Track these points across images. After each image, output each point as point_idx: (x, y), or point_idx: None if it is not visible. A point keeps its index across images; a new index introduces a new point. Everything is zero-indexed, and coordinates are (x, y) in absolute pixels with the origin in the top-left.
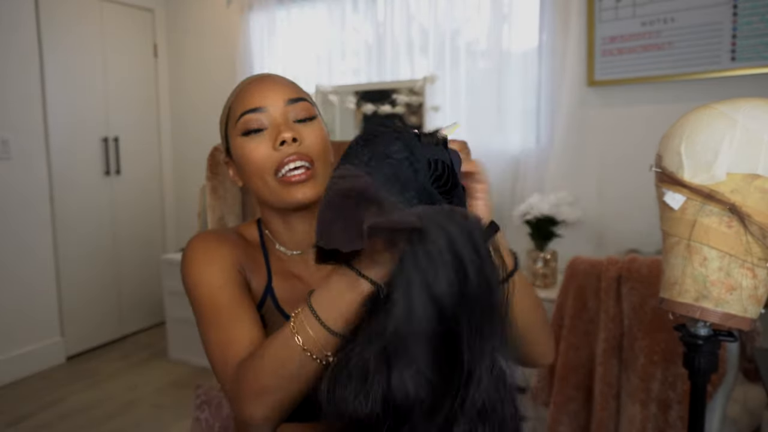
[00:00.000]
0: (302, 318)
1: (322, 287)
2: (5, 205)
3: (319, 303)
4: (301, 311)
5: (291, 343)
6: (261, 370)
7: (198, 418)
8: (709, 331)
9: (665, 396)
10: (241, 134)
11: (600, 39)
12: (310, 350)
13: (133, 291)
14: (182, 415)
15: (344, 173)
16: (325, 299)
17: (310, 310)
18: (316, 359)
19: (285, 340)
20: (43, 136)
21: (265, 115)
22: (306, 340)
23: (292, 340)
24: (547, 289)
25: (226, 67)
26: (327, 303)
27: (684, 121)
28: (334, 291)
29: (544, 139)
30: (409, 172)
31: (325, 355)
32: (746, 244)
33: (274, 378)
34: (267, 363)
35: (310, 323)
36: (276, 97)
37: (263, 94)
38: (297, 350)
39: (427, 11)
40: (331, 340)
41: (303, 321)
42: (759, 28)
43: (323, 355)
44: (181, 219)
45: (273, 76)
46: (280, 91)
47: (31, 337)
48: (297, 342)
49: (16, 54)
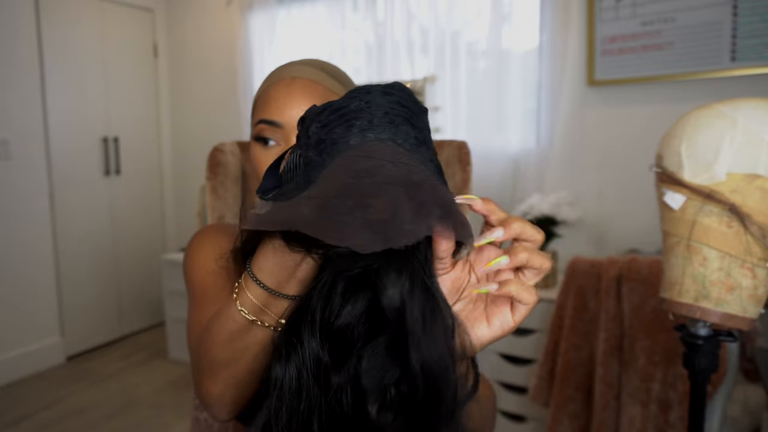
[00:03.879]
0: (243, 284)
1: (260, 256)
2: (5, 205)
3: (259, 266)
4: (243, 278)
5: (235, 314)
6: (211, 343)
7: (197, 418)
8: (709, 331)
9: (665, 396)
10: (255, 138)
11: (600, 39)
12: (258, 317)
13: (133, 291)
14: (182, 415)
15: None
16: (263, 260)
17: (249, 274)
18: (267, 326)
19: (230, 311)
20: (43, 136)
21: (281, 132)
22: (250, 307)
23: (235, 311)
24: (547, 289)
25: (226, 67)
26: (267, 264)
27: (684, 121)
28: (275, 260)
29: (544, 139)
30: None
31: (275, 320)
32: (746, 244)
33: (224, 351)
34: (216, 336)
35: (250, 288)
36: (296, 115)
37: (282, 109)
38: (242, 319)
39: (427, 11)
40: (276, 302)
41: (243, 287)
42: (759, 28)
43: (274, 321)
44: (181, 219)
45: (302, 84)
46: (304, 111)
47: (30, 337)
48: (240, 310)
49: (16, 54)
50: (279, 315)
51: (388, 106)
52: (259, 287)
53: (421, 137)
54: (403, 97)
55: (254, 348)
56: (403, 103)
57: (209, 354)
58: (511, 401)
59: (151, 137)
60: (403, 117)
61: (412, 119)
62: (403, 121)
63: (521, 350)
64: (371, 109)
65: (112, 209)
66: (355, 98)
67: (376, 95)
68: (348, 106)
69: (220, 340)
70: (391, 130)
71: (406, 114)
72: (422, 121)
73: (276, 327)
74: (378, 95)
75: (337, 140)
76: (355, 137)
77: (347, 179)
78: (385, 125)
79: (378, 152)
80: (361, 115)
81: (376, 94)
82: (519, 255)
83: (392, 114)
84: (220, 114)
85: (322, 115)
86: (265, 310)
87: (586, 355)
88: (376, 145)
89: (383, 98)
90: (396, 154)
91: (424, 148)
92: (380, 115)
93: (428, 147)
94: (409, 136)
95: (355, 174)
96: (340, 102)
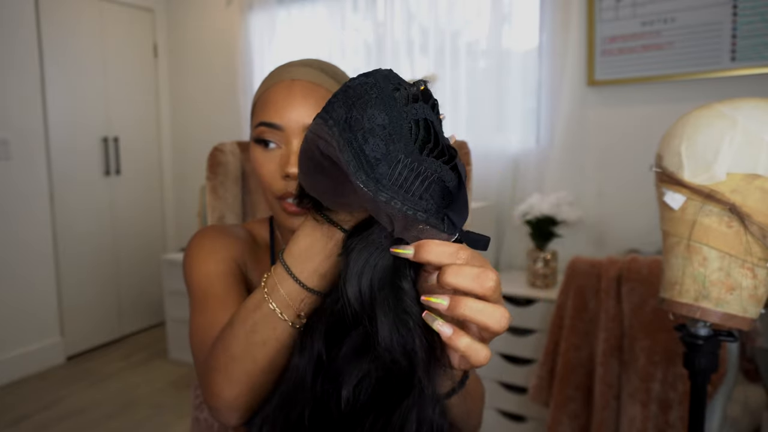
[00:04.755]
0: (274, 277)
1: (293, 242)
2: (5, 204)
3: (293, 258)
4: (273, 270)
5: (263, 305)
6: (231, 338)
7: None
8: (709, 331)
9: (666, 396)
10: (255, 140)
11: (600, 39)
12: (283, 311)
13: (133, 291)
14: (182, 415)
15: (321, 134)
16: (296, 253)
17: (282, 266)
18: (290, 323)
19: (257, 303)
20: (43, 136)
21: (281, 134)
22: (279, 300)
23: (263, 302)
24: (547, 289)
25: (226, 67)
26: (300, 257)
27: (684, 121)
28: (307, 242)
29: (544, 139)
30: (384, 143)
31: (298, 317)
32: (746, 244)
33: (243, 345)
34: (237, 329)
35: (282, 281)
36: (297, 117)
37: (282, 112)
38: (268, 312)
39: (427, 11)
40: (306, 298)
41: (275, 281)
42: (759, 28)
43: (296, 317)
44: (181, 219)
45: (302, 86)
46: (304, 113)
47: (30, 337)
48: (269, 303)
49: (16, 54)
50: (298, 310)
51: (351, 87)
52: (289, 276)
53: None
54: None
55: (271, 344)
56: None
57: (228, 349)
58: (511, 401)
59: (151, 137)
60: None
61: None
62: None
63: (521, 350)
64: (337, 93)
65: (112, 209)
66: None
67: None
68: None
69: (242, 331)
70: (340, 106)
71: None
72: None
73: (294, 323)
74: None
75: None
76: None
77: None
78: (339, 100)
79: (314, 128)
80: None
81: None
82: (459, 310)
83: (346, 90)
84: (220, 114)
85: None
86: (289, 301)
87: (586, 355)
88: (317, 121)
89: (355, 79)
90: (322, 130)
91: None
92: (342, 90)
93: None
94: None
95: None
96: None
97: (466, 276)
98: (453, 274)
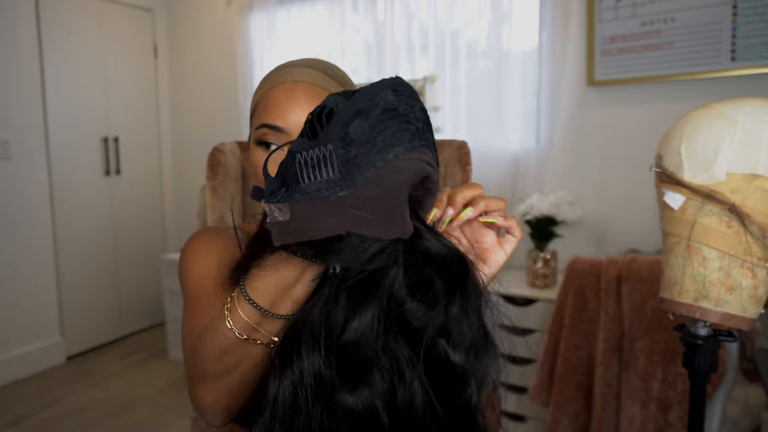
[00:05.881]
0: (235, 302)
1: (255, 270)
2: (5, 205)
3: (253, 285)
4: (235, 296)
5: (226, 330)
6: (203, 357)
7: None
8: (709, 331)
9: (665, 396)
10: (257, 142)
11: (600, 39)
12: (248, 335)
13: (133, 291)
14: (182, 415)
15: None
16: (258, 279)
17: (242, 293)
18: (260, 344)
19: (221, 327)
20: (43, 136)
21: (284, 137)
22: (242, 325)
23: (227, 328)
24: (547, 289)
25: (226, 67)
26: (261, 283)
27: (684, 121)
28: (274, 275)
29: (544, 139)
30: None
31: (268, 338)
32: (746, 244)
33: (216, 365)
34: (207, 350)
35: (243, 307)
36: (299, 120)
37: (285, 114)
38: (233, 337)
39: (427, 11)
40: (269, 322)
41: (236, 305)
42: (759, 28)
43: (266, 338)
44: (181, 219)
45: (304, 88)
46: (305, 113)
47: (31, 337)
48: (231, 329)
49: (16, 54)
50: (272, 333)
51: (423, 111)
52: (252, 306)
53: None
54: (421, 103)
55: (246, 363)
56: (423, 108)
57: (201, 366)
58: (511, 401)
59: (151, 137)
60: (427, 121)
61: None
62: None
63: (521, 350)
64: (416, 113)
65: (112, 209)
66: (402, 101)
67: (412, 99)
68: (397, 108)
69: (212, 354)
70: (430, 135)
71: (427, 118)
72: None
73: (269, 344)
74: (413, 99)
75: (393, 143)
76: (411, 142)
77: (413, 180)
78: (427, 130)
79: (426, 156)
80: (410, 119)
81: (412, 99)
82: (479, 204)
83: (427, 120)
84: (220, 114)
85: (370, 113)
86: (258, 328)
87: (586, 355)
88: (424, 149)
89: (417, 103)
90: (432, 157)
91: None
92: (424, 119)
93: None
94: (431, 141)
95: (415, 174)
96: (387, 103)
97: (492, 200)
98: (487, 201)
